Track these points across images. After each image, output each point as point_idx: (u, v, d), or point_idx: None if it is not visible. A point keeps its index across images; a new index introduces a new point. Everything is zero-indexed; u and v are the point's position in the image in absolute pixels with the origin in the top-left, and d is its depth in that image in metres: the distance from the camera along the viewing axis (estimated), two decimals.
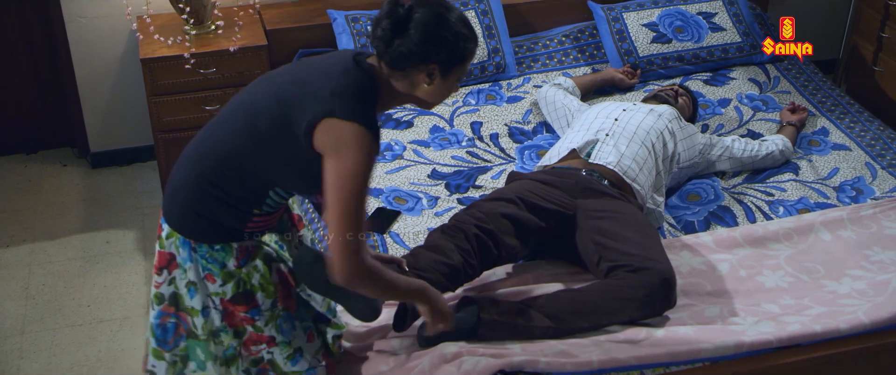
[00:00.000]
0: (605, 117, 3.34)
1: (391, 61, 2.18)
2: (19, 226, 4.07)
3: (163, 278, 2.38)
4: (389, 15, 2.16)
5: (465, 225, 2.78)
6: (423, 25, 2.16)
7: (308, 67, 2.26)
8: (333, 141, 2.14)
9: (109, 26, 4.16)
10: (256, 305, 2.37)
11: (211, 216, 2.29)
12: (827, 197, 3.36)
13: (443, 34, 2.17)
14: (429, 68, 2.20)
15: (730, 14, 4.31)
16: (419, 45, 2.16)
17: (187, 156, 2.34)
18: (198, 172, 2.28)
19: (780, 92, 4.06)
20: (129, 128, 4.41)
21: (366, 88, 2.19)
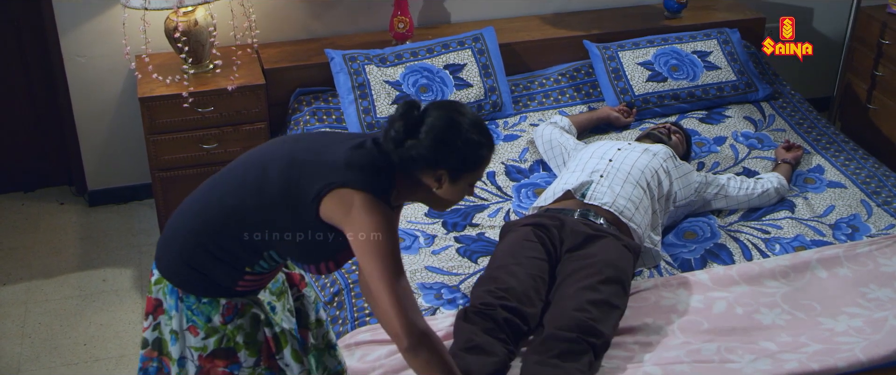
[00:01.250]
0: (599, 157, 3.36)
1: (400, 163, 2.17)
2: (16, 264, 4.07)
3: (149, 323, 2.36)
4: (403, 117, 2.16)
5: (493, 311, 2.75)
6: (434, 130, 2.15)
7: (328, 138, 2.25)
8: (345, 209, 2.13)
9: (108, 66, 4.19)
10: (237, 361, 2.33)
11: (202, 269, 2.26)
12: (823, 235, 3.37)
13: (453, 140, 2.16)
14: (437, 173, 2.19)
15: (724, 53, 4.34)
16: (428, 150, 2.15)
17: (188, 207, 2.32)
18: (195, 224, 2.26)
19: (776, 130, 4.08)
20: (126, 167, 4.42)
21: (382, 167, 2.17)
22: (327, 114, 4.04)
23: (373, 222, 2.12)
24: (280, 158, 2.21)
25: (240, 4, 4.05)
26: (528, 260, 2.96)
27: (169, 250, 2.31)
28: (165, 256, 2.31)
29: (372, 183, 2.14)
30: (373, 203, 2.12)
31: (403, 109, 2.17)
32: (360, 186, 2.12)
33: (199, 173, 4.02)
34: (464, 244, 3.30)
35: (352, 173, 2.13)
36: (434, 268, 3.16)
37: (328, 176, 2.14)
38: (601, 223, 3.11)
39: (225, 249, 2.23)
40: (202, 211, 2.27)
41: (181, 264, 2.28)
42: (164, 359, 2.38)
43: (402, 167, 2.18)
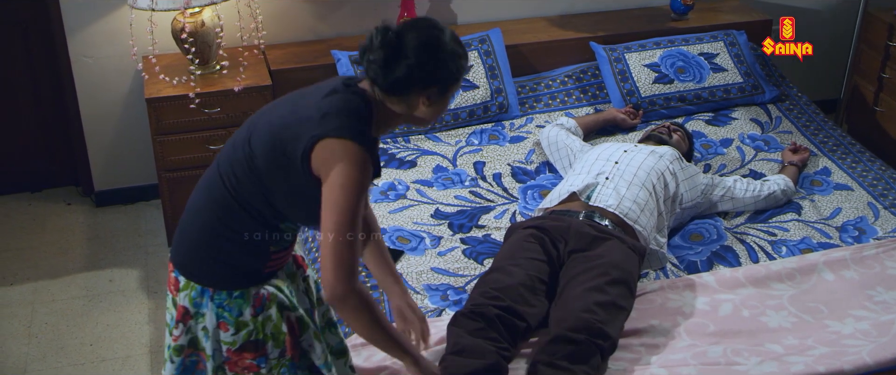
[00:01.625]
0: (605, 159, 3.36)
1: (389, 87, 2.18)
2: (23, 265, 4.07)
3: (180, 331, 2.36)
4: (383, 44, 2.16)
5: (484, 309, 2.74)
6: (421, 49, 2.16)
7: (300, 97, 2.26)
8: (325, 159, 2.13)
9: (115, 66, 4.20)
10: (265, 353, 2.35)
11: (230, 260, 2.28)
12: (829, 237, 3.36)
13: (441, 56, 2.17)
14: (428, 91, 2.20)
15: (731, 55, 4.34)
16: (418, 69, 2.16)
17: (195, 206, 2.32)
18: (210, 219, 2.27)
19: (782, 132, 4.08)
20: (133, 167, 4.43)
21: (357, 107, 2.18)
22: None
23: (344, 173, 2.12)
24: (260, 129, 2.22)
25: (246, 6, 4.06)
26: (527, 260, 2.95)
27: (190, 252, 2.31)
28: (188, 260, 2.31)
29: (351, 127, 2.14)
30: (352, 153, 2.13)
31: (381, 36, 2.16)
32: (340, 133, 2.13)
33: None
34: (470, 245, 3.30)
35: (329, 121, 2.13)
36: (440, 270, 3.16)
37: (310, 130, 2.14)
38: (606, 225, 3.11)
39: (245, 233, 2.25)
40: (210, 205, 2.28)
41: (207, 261, 2.29)
42: (200, 353, 2.40)
43: (392, 92, 2.18)
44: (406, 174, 3.71)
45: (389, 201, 3.54)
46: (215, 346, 2.35)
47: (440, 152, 3.86)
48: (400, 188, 3.62)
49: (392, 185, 3.63)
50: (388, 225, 3.38)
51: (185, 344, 2.38)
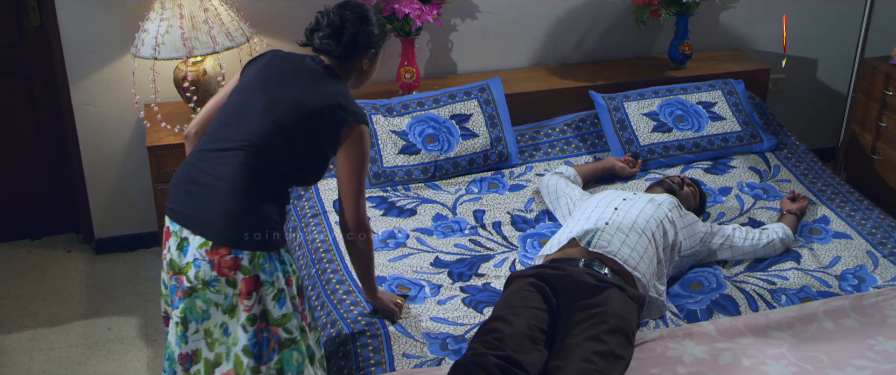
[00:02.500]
0: (605, 206, 3.37)
1: (341, 54, 2.82)
2: (21, 312, 4.07)
3: (252, 300, 2.68)
4: (329, 23, 2.81)
5: (484, 358, 2.73)
6: (357, 21, 2.81)
7: (302, 87, 2.77)
8: (354, 140, 2.76)
9: (117, 114, 4.22)
10: (305, 297, 2.87)
11: (280, 221, 2.74)
12: (829, 286, 3.36)
13: (371, 26, 2.84)
14: (369, 53, 2.87)
15: (729, 104, 4.37)
16: (361, 37, 2.81)
17: (225, 190, 2.65)
18: (258, 195, 2.68)
19: (781, 180, 4.10)
20: (133, 215, 4.44)
21: (341, 88, 2.82)
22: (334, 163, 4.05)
23: (362, 151, 2.79)
24: (285, 115, 2.72)
25: (248, 55, 4.09)
26: (527, 309, 2.95)
27: (254, 226, 2.66)
28: (245, 232, 2.65)
29: (358, 109, 2.79)
30: (365, 133, 2.79)
31: (326, 19, 2.82)
32: (357, 118, 2.77)
33: None
34: (469, 294, 3.30)
35: (347, 110, 2.76)
36: (439, 319, 3.16)
37: (337, 120, 2.74)
38: (606, 272, 3.11)
39: (283, 197, 2.77)
40: (252, 179, 2.67)
41: (269, 228, 2.69)
42: (271, 328, 2.73)
43: (343, 57, 2.82)
44: (406, 222, 3.72)
45: (389, 249, 3.55)
46: (292, 304, 2.76)
47: (440, 200, 3.87)
48: (399, 236, 3.63)
49: (392, 234, 3.64)
50: (387, 274, 3.39)
51: (258, 315, 2.70)
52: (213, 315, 2.70)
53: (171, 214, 2.72)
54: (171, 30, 3.77)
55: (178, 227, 2.69)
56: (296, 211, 3.85)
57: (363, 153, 2.79)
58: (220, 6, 3.89)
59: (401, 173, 3.96)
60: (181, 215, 2.69)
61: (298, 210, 3.85)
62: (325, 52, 2.83)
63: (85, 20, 4.05)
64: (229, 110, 2.79)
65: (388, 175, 3.96)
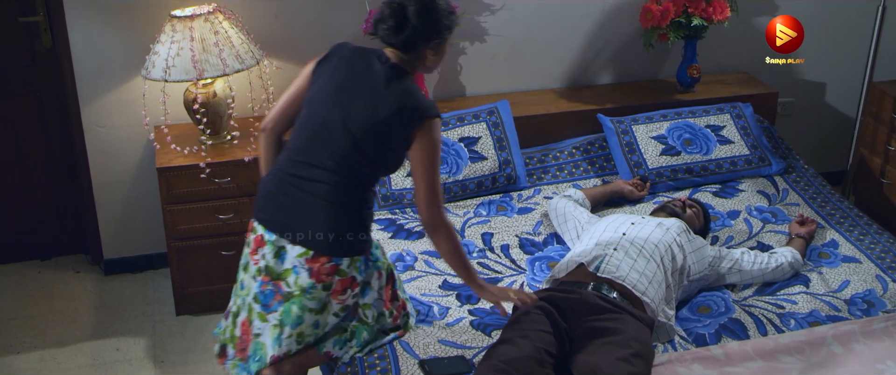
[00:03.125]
0: (613, 231, 3.37)
1: (402, 45, 2.83)
2: (31, 333, 4.08)
3: (346, 295, 2.93)
4: (392, 14, 2.81)
5: None
6: (420, 13, 2.80)
7: (370, 95, 2.83)
8: (424, 134, 2.80)
9: (127, 136, 4.24)
10: (394, 279, 3.09)
11: (370, 221, 2.92)
12: (838, 310, 3.35)
13: (435, 16, 2.83)
14: (432, 44, 2.85)
15: (738, 127, 4.37)
16: (422, 28, 2.81)
17: (317, 202, 2.83)
18: (351, 206, 2.86)
19: (789, 204, 4.09)
20: (142, 236, 4.45)
21: (412, 84, 2.86)
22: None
23: (435, 143, 2.82)
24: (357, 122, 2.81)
25: (258, 77, 4.12)
26: (535, 332, 2.95)
27: (348, 234, 2.86)
28: (347, 242, 2.86)
29: (430, 105, 2.82)
30: (438, 126, 2.82)
31: (390, 10, 2.81)
32: (430, 114, 2.80)
33: (215, 243, 4.05)
34: (478, 317, 3.29)
35: (421, 107, 2.80)
36: (447, 342, 3.16)
37: (410, 121, 2.79)
38: (614, 297, 3.11)
39: (368, 201, 2.91)
40: (344, 196, 2.84)
41: (364, 233, 2.90)
42: (356, 308, 3.00)
43: (405, 49, 2.84)
44: (414, 245, 3.72)
45: (398, 272, 3.54)
46: (375, 295, 3.01)
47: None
48: (408, 259, 3.63)
49: (400, 256, 3.64)
50: None
51: (351, 305, 2.97)
52: (306, 320, 2.90)
53: (267, 224, 2.88)
54: (181, 52, 3.79)
55: (275, 237, 2.85)
56: None
57: (434, 146, 2.82)
58: (231, 29, 3.92)
59: (409, 195, 3.97)
60: (278, 225, 2.86)
61: None
62: (389, 43, 2.86)
63: (96, 42, 4.07)
64: (309, 125, 2.89)
65: (396, 197, 3.96)
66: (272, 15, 4.21)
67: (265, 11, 4.20)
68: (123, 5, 4.04)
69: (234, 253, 4.08)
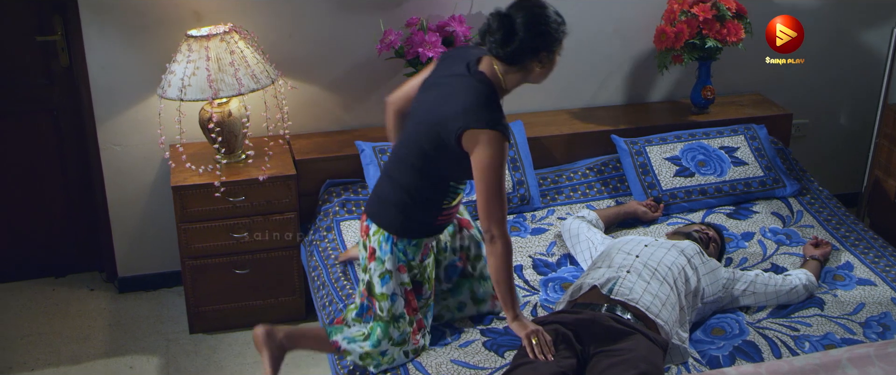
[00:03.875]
0: (626, 253, 3.36)
1: (508, 58, 2.86)
2: (44, 350, 4.09)
3: (371, 268, 3.09)
4: (500, 26, 2.82)
5: None
6: (529, 25, 2.82)
7: (444, 94, 2.94)
8: (472, 145, 2.86)
9: (143, 154, 4.26)
10: (422, 293, 3.13)
11: (414, 216, 3.04)
12: (853, 333, 3.34)
13: (544, 28, 2.84)
14: (539, 56, 2.87)
15: (752, 149, 4.36)
16: (531, 40, 2.83)
17: (386, 176, 3.10)
18: (399, 188, 3.02)
19: (804, 226, 4.08)
20: (156, 254, 4.46)
21: (487, 96, 2.90)
22: (357, 205, 4.08)
23: (487, 154, 2.85)
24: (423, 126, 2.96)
25: (273, 96, 4.14)
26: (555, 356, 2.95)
27: (384, 209, 3.06)
28: (383, 213, 3.06)
29: (486, 117, 2.85)
30: (490, 138, 2.84)
31: (497, 20, 2.83)
32: (479, 124, 2.84)
33: (229, 262, 4.06)
34: (490, 337, 3.29)
35: (469, 116, 2.85)
36: (460, 362, 3.15)
37: (455, 124, 2.86)
38: (628, 318, 3.10)
39: (424, 197, 3.02)
40: (400, 177, 3.03)
41: (398, 217, 3.03)
42: (372, 299, 3.13)
43: (511, 62, 2.86)
44: None
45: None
46: (395, 288, 3.08)
47: None
48: None
49: None
50: None
51: (366, 281, 3.13)
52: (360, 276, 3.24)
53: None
54: (197, 72, 3.81)
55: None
56: (318, 252, 3.86)
57: (487, 158, 2.85)
58: (247, 49, 3.94)
59: None
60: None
61: (320, 251, 3.87)
62: (495, 56, 2.89)
63: (113, 62, 4.10)
64: (406, 120, 3.13)
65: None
66: (287, 35, 4.24)
67: (280, 31, 4.22)
68: (140, 25, 4.07)
69: (248, 272, 4.09)
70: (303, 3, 4.21)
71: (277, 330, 3.16)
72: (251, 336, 4.04)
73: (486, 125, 2.83)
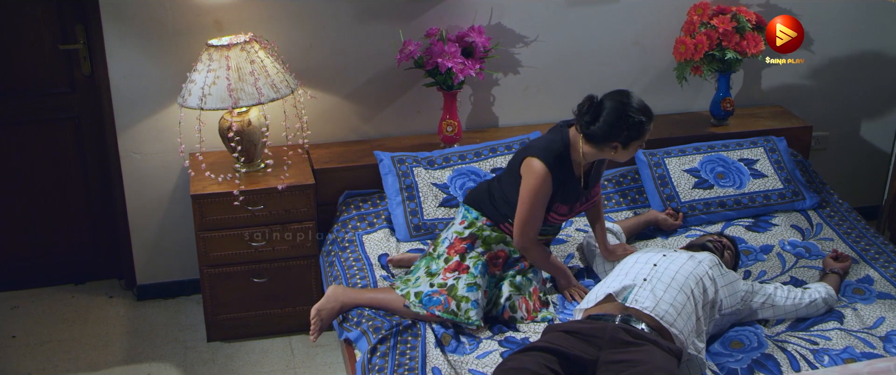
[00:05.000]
0: (644, 263, 3.35)
1: (588, 138, 3.33)
2: (64, 357, 4.11)
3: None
4: (589, 109, 3.30)
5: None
6: (609, 114, 3.27)
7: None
8: (523, 170, 3.40)
9: (163, 162, 4.29)
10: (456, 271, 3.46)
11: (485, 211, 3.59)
12: (873, 347, 3.31)
13: (622, 122, 3.26)
14: (613, 144, 3.31)
15: (771, 161, 4.35)
16: (607, 130, 3.28)
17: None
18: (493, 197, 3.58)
19: (823, 239, 4.05)
20: (175, 262, 4.48)
21: (553, 141, 3.41)
22: (376, 216, 4.08)
23: (529, 180, 3.37)
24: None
25: (293, 106, 4.15)
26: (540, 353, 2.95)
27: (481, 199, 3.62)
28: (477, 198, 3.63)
29: (540, 152, 3.36)
30: (535, 166, 3.35)
31: (588, 103, 3.32)
32: (531, 154, 3.38)
33: (247, 270, 4.07)
34: (508, 348, 3.29)
35: (532, 148, 3.41)
36: (478, 372, 3.15)
37: (521, 155, 3.43)
38: (643, 328, 3.09)
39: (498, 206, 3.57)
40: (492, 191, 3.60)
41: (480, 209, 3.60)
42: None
43: (591, 141, 3.33)
44: None
45: None
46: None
47: None
48: None
49: None
50: (435, 326, 3.39)
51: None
52: None
53: None
54: (217, 81, 3.83)
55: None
56: (340, 263, 3.86)
57: (529, 183, 3.36)
58: (267, 58, 3.96)
59: (441, 226, 3.97)
60: None
61: (342, 261, 3.87)
62: (582, 133, 3.34)
63: (135, 70, 4.13)
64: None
65: (428, 227, 3.97)
66: (307, 45, 4.25)
67: (300, 41, 4.24)
68: (162, 34, 4.10)
69: (266, 281, 4.10)
70: (323, 13, 4.23)
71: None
72: (268, 344, 4.07)
73: (536, 155, 3.35)
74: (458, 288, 3.40)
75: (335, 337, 3.98)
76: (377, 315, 3.43)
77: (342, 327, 3.47)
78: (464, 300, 3.37)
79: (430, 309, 3.38)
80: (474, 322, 3.36)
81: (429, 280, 3.47)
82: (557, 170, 3.37)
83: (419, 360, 3.19)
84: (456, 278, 3.42)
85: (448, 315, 3.37)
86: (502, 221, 3.53)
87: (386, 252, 3.89)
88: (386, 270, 3.78)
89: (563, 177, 3.41)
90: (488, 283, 3.48)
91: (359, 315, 3.46)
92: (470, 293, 3.39)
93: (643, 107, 3.30)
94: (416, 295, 3.43)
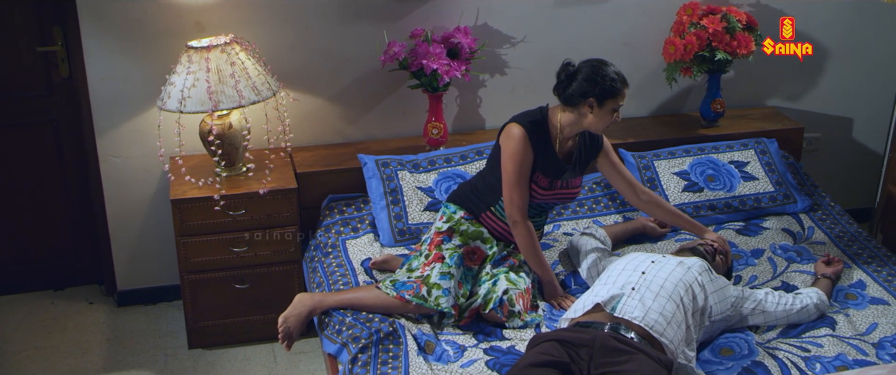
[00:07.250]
0: (632, 270, 3.29)
1: (565, 100, 3.44)
2: (42, 364, 4.04)
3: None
4: (565, 75, 3.44)
5: None
6: (585, 73, 3.39)
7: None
8: (502, 139, 3.50)
9: (142, 166, 4.22)
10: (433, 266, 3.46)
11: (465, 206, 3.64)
12: (866, 354, 3.26)
13: (597, 77, 3.37)
14: (589, 102, 3.38)
15: (762, 163, 4.29)
16: (581, 86, 3.39)
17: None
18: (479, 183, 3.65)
19: (815, 242, 4.00)
20: (156, 268, 4.42)
21: (531, 112, 3.53)
22: (360, 220, 4.02)
23: (509, 144, 3.45)
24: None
25: (274, 109, 4.08)
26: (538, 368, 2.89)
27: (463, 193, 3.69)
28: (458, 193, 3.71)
29: (517, 118, 3.48)
30: (513, 132, 3.44)
31: (564, 71, 3.44)
32: (511, 119, 3.48)
33: (228, 276, 4.01)
34: (494, 356, 3.22)
35: (511, 118, 3.51)
36: None
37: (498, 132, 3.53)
38: (632, 337, 3.03)
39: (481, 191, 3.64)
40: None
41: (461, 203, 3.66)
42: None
43: (566, 103, 3.44)
44: None
45: None
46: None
47: None
48: None
49: None
50: (415, 331, 3.32)
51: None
52: None
53: None
54: (197, 83, 3.77)
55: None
56: (322, 268, 3.80)
57: (509, 147, 3.43)
58: (248, 60, 3.89)
59: (426, 230, 3.91)
60: None
61: (325, 266, 3.81)
62: (557, 96, 3.48)
63: (113, 73, 4.06)
64: None
65: (413, 232, 3.91)
66: (289, 46, 4.19)
67: (282, 43, 4.18)
68: (140, 36, 4.03)
69: (247, 287, 4.04)
70: (305, 14, 4.17)
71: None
72: (250, 351, 4.01)
73: (513, 120, 3.45)
74: (432, 275, 3.40)
75: (318, 345, 3.91)
76: (356, 322, 3.36)
77: (324, 335, 3.40)
78: (435, 287, 3.37)
79: (401, 293, 3.38)
80: (443, 308, 3.34)
81: (408, 274, 3.49)
82: (535, 136, 3.45)
83: (402, 370, 3.12)
84: (432, 268, 3.44)
85: (417, 299, 3.35)
86: (484, 210, 3.56)
87: (370, 257, 3.82)
88: (368, 275, 3.71)
89: (541, 145, 3.48)
90: (464, 276, 3.46)
91: (340, 323, 3.40)
92: (442, 281, 3.38)
93: (618, 73, 3.41)
94: (392, 281, 3.46)
